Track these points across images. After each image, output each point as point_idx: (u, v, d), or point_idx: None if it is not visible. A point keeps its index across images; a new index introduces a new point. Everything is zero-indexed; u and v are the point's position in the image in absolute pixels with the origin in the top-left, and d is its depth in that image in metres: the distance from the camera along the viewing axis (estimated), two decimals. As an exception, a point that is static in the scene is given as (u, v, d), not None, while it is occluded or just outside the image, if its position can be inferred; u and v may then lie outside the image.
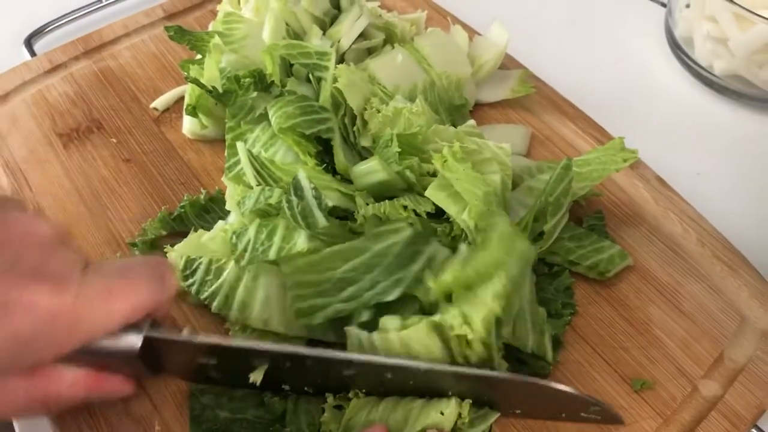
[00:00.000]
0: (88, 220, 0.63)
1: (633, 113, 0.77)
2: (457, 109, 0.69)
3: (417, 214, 0.54)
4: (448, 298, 0.49)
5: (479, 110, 0.73)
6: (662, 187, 0.66)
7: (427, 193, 0.54)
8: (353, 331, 0.50)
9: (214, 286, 0.53)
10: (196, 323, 0.56)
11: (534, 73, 0.75)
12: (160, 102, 0.71)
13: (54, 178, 0.65)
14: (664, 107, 0.78)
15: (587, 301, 0.59)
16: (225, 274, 0.53)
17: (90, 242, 0.61)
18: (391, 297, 0.49)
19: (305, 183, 0.52)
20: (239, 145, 0.54)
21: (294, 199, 0.51)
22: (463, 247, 0.53)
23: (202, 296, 0.54)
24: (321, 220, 0.51)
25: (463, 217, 0.53)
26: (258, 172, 0.55)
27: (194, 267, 0.54)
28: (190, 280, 0.54)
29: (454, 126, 0.63)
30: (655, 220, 0.64)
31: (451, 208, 0.54)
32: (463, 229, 0.53)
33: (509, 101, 0.73)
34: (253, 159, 0.55)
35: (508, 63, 0.76)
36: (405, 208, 0.53)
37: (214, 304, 0.53)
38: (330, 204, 0.54)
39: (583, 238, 0.60)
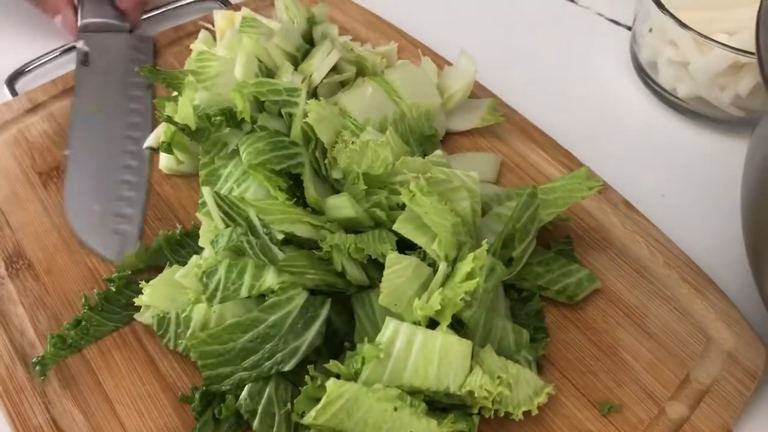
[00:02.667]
0: (66, 257, 0.64)
1: (600, 137, 0.79)
2: (427, 139, 0.71)
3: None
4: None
5: (450, 139, 0.74)
6: (629, 211, 0.68)
7: (395, 227, 0.55)
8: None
9: (187, 336, 0.54)
10: (181, 370, 0.58)
11: (504, 101, 0.77)
12: (152, 140, 0.72)
13: (33, 216, 0.67)
14: (631, 130, 0.80)
15: (556, 326, 0.60)
16: (192, 323, 0.54)
17: (67, 278, 0.62)
18: (289, 367, 0.52)
19: (256, 221, 0.54)
20: (205, 190, 0.56)
21: (252, 239, 0.53)
22: (442, 266, 0.54)
23: (180, 349, 0.55)
24: (278, 254, 0.53)
25: (433, 247, 0.54)
26: (226, 212, 0.56)
27: (166, 322, 0.56)
28: (166, 337, 0.56)
29: (425, 155, 0.65)
30: (622, 244, 0.66)
31: (419, 240, 0.55)
32: (434, 259, 0.55)
33: (479, 129, 0.75)
34: (221, 200, 0.56)
35: (478, 91, 0.77)
36: (362, 249, 0.55)
37: (192, 354, 0.54)
38: (280, 237, 0.55)
39: (551, 262, 0.61)
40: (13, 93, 0.79)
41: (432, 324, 0.52)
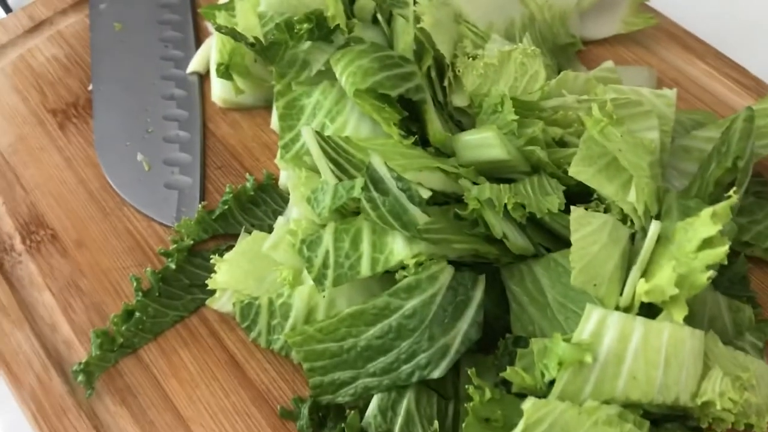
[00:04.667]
0: (102, 224, 0.48)
1: (764, 46, 0.61)
2: (562, 49, 0.55)
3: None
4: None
5: (583, 49, 0.57)
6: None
7: (571, 172, 0.39)
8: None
9: (286, 331, 0.39)
10: (276, 374, 0.43)
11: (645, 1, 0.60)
12: (198, 63, 0.55)
13: (52, 169, 0.51)
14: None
15: (766, 295, 0.45)
16: (293, 312, 0.39)
17: (106, 251, 0.47)
18: (439, 372, 0.38)
19: (384, 171, 0.39)
20: (305, 130, 0.40)
21: (376, 195, 0.37)
22: (654, 226, 0.38)
23: (276, 346, 0.41)
24: (418, 215, 0.38)
25: (629, 199, 0.38)
26: (333, 159, 0.40)
27: (254, 312, 0.41)
28: (254, 331, 0.41)
29: (559, 71, 0.48)
30: (832, 182, 0.50)
31: (606, 188, 0.39)
32: (626, 214, 0.39)
33: (619, 37, 0.58)
34: (326, 144, 0.40)
35: (612, -12, 0.60)
36: (523, 206, 0.39)
37: (294, 354, 0.39)
38: (426, 195, 0.40)
39: (755, 210, 0.46)
40: (7, 9, 0.62)
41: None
